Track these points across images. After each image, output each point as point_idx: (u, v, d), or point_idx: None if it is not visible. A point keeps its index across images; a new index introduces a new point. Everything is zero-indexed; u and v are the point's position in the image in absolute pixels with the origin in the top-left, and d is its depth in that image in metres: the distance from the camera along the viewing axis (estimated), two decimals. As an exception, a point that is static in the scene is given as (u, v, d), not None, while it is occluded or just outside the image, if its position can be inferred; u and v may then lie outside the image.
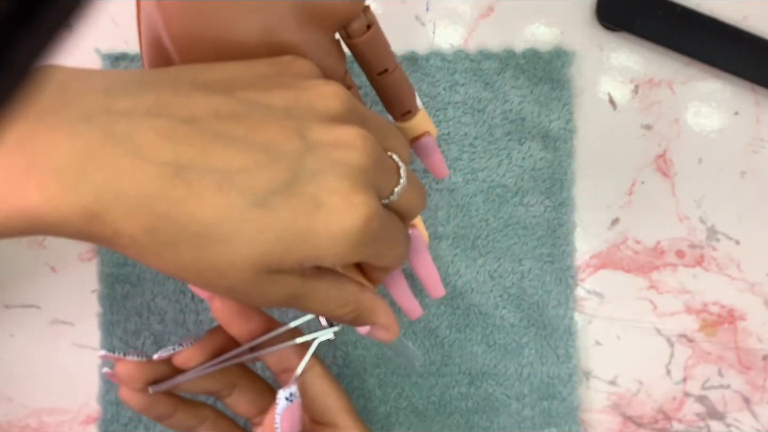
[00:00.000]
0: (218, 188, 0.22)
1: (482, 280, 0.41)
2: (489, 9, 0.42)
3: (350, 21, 0.29)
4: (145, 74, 0.24)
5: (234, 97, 0.24)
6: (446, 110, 0.42)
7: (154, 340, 0.41)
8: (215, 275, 0.23)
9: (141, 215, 0.22)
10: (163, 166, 0.22)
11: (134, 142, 0.22)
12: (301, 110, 0.25)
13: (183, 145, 0.22)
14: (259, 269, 0.23)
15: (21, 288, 0.42)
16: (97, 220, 0.22)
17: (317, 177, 0.23)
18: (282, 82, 0.25)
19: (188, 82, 0.24)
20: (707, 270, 0.42)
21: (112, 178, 0.22)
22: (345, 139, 0.24)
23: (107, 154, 0.22)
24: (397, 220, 0.28)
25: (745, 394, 0.42)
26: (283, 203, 0.23)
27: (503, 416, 0.41)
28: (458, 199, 0.41)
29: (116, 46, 0.42)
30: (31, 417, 0.42)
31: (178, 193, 0.22)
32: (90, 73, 0.24)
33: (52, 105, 0.22)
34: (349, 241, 0.24)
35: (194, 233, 0.22)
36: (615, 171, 0.42)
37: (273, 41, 0.27)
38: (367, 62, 0.31)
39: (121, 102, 0.23)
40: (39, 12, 0.11)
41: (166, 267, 0.23)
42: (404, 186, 0.27)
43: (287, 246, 0.23)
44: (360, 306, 0.28)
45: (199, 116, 0.23)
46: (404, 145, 0.29)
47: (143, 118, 0.22)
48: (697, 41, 0.41)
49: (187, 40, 0.26)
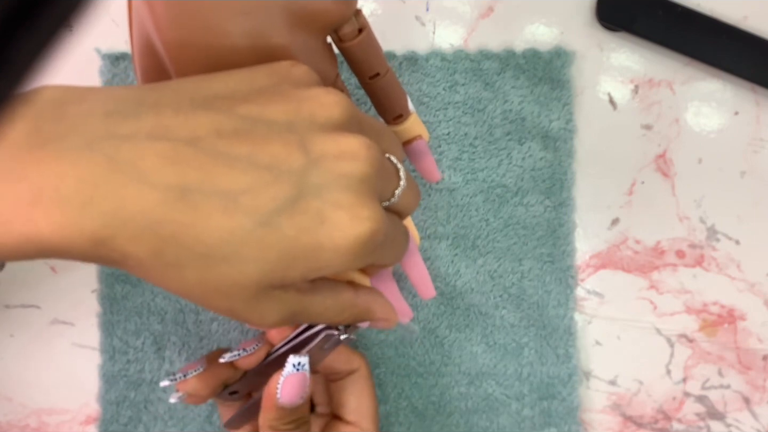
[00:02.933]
0: (223, 210, 0.23)
1: (482, 280, 0.41)
2: (489, 9, 0.42)
3: (342, 24, 0.29)
4: (144, 93, 0.24)
5: (235, 114, 0.24)
6: (446, 110, 0.42)
7: (153, 340, 0.41)
8: (218, 295, 0.24)
9: (147, 239, 0.22)
10: (168, 191, 0.22)
11: (138, 167, 0.22)
12: (302, 122, 0.25)
13: (187, 167, 0.23)
14: (260, 287, 0.23)
15: (21, 288, 0.42)
16: (105, 244, 0.22)
17: (322, 191, 0.24)
18: (282, 94, 0.25)
19: (188, 98, 0.24)
20: (707, 270, 0.42)
21: (118, 204, 0.22)
22: (348, 149, 0.24)
23: (112, 181, 0.22)
24: (396, 220, 0.28)
25: (745, 394, 0.42)
26: (288, 221, 0.23)
27: (503, 416, 0.41)
28: (458, 199, 0.41)
29: (116, 46, 0.42)
30: (31, 417, 0.42)
31: (184, 217, 0.22)
32: (88, 92, 0.24)
33: (54, 131, 0.22)
34: (354, 252, 0.24)
35: (200, 255, 0.23)
36: (615, 171, 0.42)
37: (264, 44, 0.27)
38: (358, 66, 0.31)
39: (123, 126, 0.23)
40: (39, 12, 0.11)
41: (171, 287, 0.24)
42: (404, 187, 0.27)
43: (291, 262, 0.23)
44: (356, 310, 0.29)
45: (201, 136, 0.23)
46: (398, 145, 0.29)
47: (145, 143, 0.23)
48: (697, 41, 0.41)
49: (177, 41, 0.26)
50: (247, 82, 0.25)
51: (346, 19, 0.28)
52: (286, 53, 0.27)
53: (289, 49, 0.27)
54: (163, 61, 0.28)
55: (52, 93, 0.23)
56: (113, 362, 0.41)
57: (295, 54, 0.27)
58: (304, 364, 0.32)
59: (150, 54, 0.28)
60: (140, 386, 0.41)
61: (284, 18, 0.27)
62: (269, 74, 0.26)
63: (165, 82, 0.26)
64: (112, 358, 0.41)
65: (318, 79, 0.27)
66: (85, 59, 0.42)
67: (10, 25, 0.11)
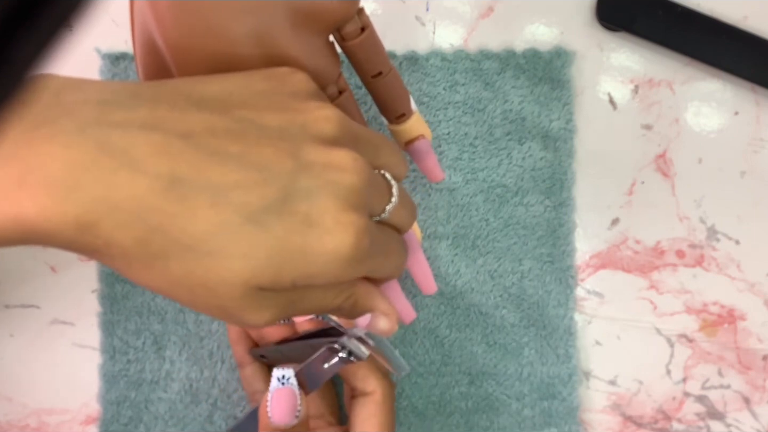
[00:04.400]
0: (212, 203, 0.22)
1: (482, 279, 0.41)
2: (489, 9, 0.42)
3: (344, 23, 0.29)
4: (140, 87, 0.24)
5: (230, 115, 0.24)
6: (446, 110, 0.42)
7: (154, 339, 0.41)
8: (206, 292, 0.23)
9: (133, 226, 0.22)
10: (158, 180, 0.22)
11: (128, 154, 0.22)
12: (295, 131, 0.25)
13: (177, 159, 0.22)
14: (250, 286, 0.23)
15: (21, 288, 0.42)
16: (89, 230, 0.22)
17: (310, 196, 0.24)
18: (277, 102, 0.25)
19: (184, 97, 0.24)
20: (707, 270, 0.42)
21: (106, 189, 0.22)
22: (337, 161, 0.24)
23: (101, 166, 0.22)
24: (391, 232, 0.28)
25: (745, 394, 0.42)
26: (277, 221, 0.23)
27: (503, 416, 0.41)
28: (458, 199, 0.41)
29: (116, 46, 0.42)
30: (31, 417, 0.42)
31: (172, 207, 0.22)
32: (85, 83, 0.24)
33: (48, 116, 0.22)
34: (341, 259, 0.24)
35: (186, 246, 0.22)
36: (615, 171, 0.42)
37: (266, 43, 0.27)
38: (361, 65, 0.31)
39: (116, 114, 0.23)
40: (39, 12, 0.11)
41: (155, 281, 0.23)
42: (395, 204, 0.27)
43: (281, 264, 0.23)
44: (356, 292, 0.28)
45: (195, 132, 0.23)
46: (398, 160, 0.29)
47: (138, 132, 0.22)
48: (697, 41, 0.41)
49: (180, 40, 0.26)
50: (245, 85, 0.25)
51: (349, 17, 0.28)
52: (289, 51, 0.27)
53: (292, 47, 0.27)
54: (166, 60, 0.28)
55: (49, 81, 0.23)
56: (113, 362, 0.41)
57: (298, 52, 0.27)
58: (289, 377, 0.31)
59: (152, 53, 0.28)
60: (141, 386, 0.41)
61: (287, 17, 0.27)
62: (267, 79, 0.26)
63: (163, 80, 0.26)
64: (113, 358, 0.41)
65: (316, 88, 0.27)
66: (85, 59, 0.42)
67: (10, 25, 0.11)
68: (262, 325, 0.25)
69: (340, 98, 0.30)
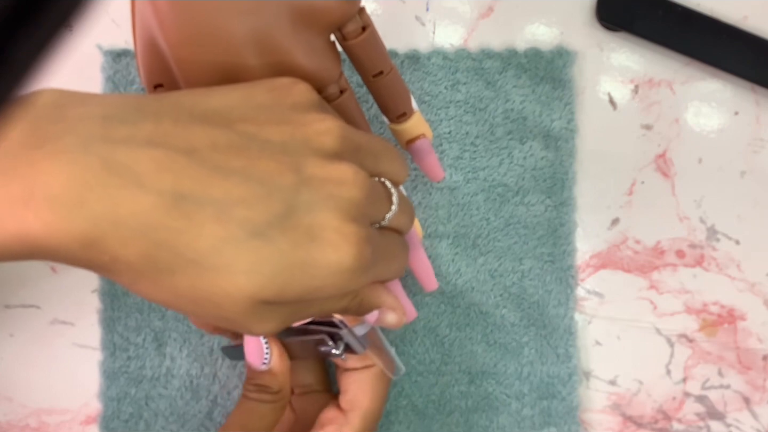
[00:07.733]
0: (216, 219, 0.23)
1: (483, 279, 0.41)
2: (489, 9, 0.42)
3: (345, 23, 0.29)
4: (143, 101, 0.24)
5: (232, 130, 0.24)
6: (448, 109, 0.42)
7: (154, 336, 0.41)
8: (211, 305, 0.23)
9: (139, 242, 0.22)
10: (162, 196, 0.22)
11: (133, 171, 0.22)
12: (296, 145, 0.25)
13: (181, 175, 0.23)
14: (255, 301, 0.23)
15: (21, 288, 0.42)
16: (95, 246, 0.22)
17: (312, 210, 0.24)
18: (279, 116, 0.25)
19: (187, 111, 0.24)
20: (707, 270, 0.42)
21: (111, 206, 0.22)
22: (338, 175, 0.25)
23: (106, 183, 0.22)
24: (392, 235, 0.29)
25: (745, 394, 0.42)
26: (280, 235, 0.23)
27: (503, 415, 0.41)
28: (459, 198, 0.41)
29: (116, 46, 0.42)
30: (31, 417, 0.42)
31: (177, 223, 0.22)
32: (88, 97, 0.24)
33: (51, 132, 0.22)
34: (345, 271, 0.24)
35: (191, 261, 0.23)
36: (615, 171, 0.42)
37: (267, 43, 0.27)
38: (362, 64, 0.31)
39: (120, 130, 0.23)
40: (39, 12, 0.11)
41: (161, 295, 0.23)
42: (395, 212, 0.28)
43: (285, 279, 0.23)
44: (360, 292, 0.28)
45: (198, 147, 0.23)
46: (399, 166, 0.29)
47: (142, 148, 0.23)
48: (697, 41, 0.41)
49: (181, 40, 0.26)
50: (246, 98, 0.26)
51: (350, 17, 0.28)
52: (290, 52, 0.27)
53: (293, 47, 0.27)
54: (167, 60, 0.28)
55: (51, 96, 0.24)
56: (114, 359, 0.41)
57: (299, 52, 0.27)
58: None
59: (153, 53, 0.28)
60: (141, 383, 0.41)
61: (288, 16, 0.27)
62: (269, 91, 0.26)
63: (165, 93, 0.26)
64: (113, 355, 0.41)
65: (317, 98, 0.27)
66: (87, 56, 0.42)
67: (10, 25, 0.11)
68: (267, 334, 0.25)
69: (341, 97, 0.30)
